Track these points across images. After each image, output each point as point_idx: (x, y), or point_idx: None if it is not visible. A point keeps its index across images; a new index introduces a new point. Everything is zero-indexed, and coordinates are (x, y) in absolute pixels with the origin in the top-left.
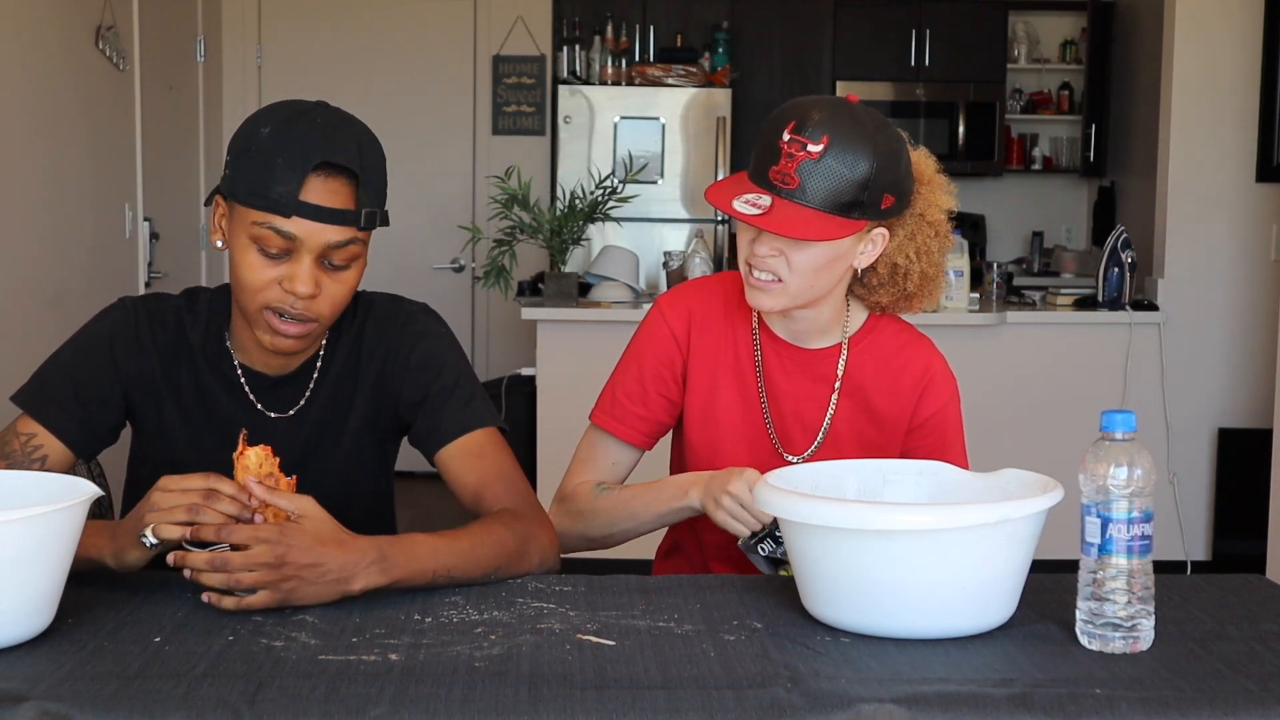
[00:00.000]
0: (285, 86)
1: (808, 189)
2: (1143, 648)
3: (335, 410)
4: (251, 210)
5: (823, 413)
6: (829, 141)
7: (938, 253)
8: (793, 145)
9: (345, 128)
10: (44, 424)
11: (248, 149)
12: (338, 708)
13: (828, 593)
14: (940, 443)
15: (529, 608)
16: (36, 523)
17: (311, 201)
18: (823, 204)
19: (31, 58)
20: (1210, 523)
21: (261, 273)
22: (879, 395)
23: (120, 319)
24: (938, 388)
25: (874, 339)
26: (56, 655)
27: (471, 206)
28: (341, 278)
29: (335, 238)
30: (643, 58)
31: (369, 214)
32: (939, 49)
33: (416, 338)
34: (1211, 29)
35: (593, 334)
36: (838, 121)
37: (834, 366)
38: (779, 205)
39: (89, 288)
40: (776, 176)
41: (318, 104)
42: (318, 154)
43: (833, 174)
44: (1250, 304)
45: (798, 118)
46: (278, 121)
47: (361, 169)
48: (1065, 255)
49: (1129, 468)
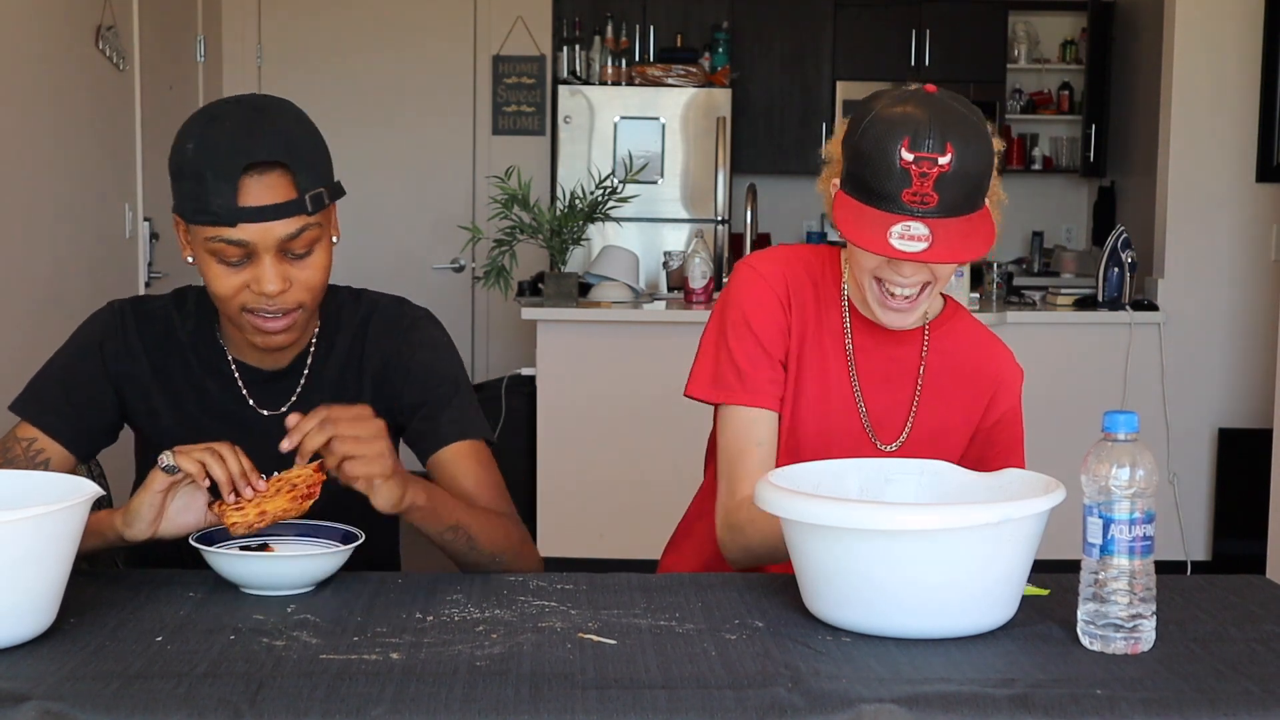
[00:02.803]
0: (285, 86)
1: (948, 202)
2: (1144, 648)
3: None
4: (200, 227)
5: (909, 400)
6: (954, 149)
7: (999, 188)
8: (921, 164)
9: (264, 119)
10: (41, 429)
11: (180, 169)
12: (339, 707)
13: (829, 592)
14: (1013, 438)
15: (530, 606)
16: (38, 522)
17: (251, 204)
18: (965, 208)
19: (31, 58)
20: (1210, 523)
21: (228, 281)
22: (954, 385)
23: (108, 321)
24: (1011, 385)
25: (953, 329)
26: (58, 655)
27: (471, 206)
28: (309, 263)
29: (286, 230)
30: (643, 58)
31: (314, 197)
32: (939, 49)
33: (417, 345)
34: (1211, 29)
35: (593, 334)
36: (950, 124)
37: (918, 351)
38: (935, 229)
39: (89, 288)
40: (913, 200)
41: (235, 101)
42: (242, 156)
43: (968, 179)
44: (1250, 304)
45: (910, 133)
46: (197, 134)
47: (291, 157)
48: (1065, 255)
49: (1131, 468)
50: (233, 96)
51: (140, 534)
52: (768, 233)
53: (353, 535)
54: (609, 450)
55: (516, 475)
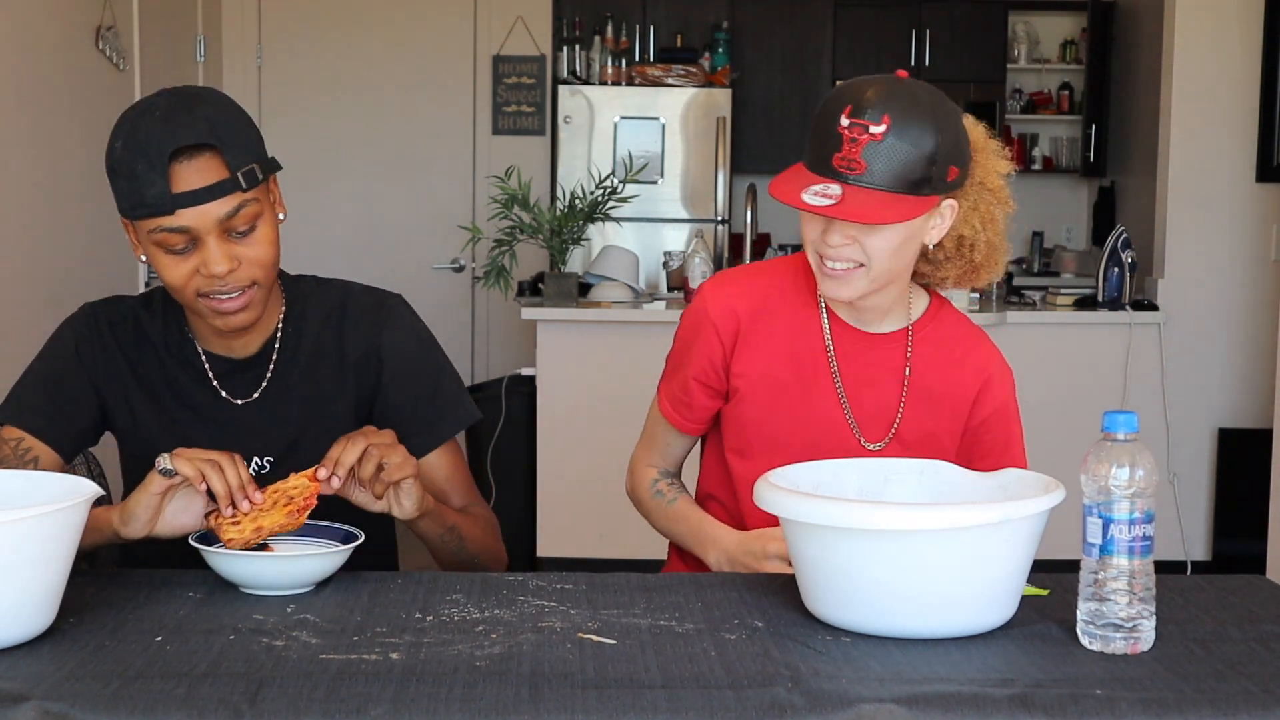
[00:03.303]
0: (285, 86)
1: (875, 172)
2: (1144, 648)
3: (318, 396)
4: (141, 221)
5: (895, 401)
6: (890, 121)
7: (1001, 220)
8: (854, 130)
9: (185, 107)
10: (27, 430)
11: (113, 168)
12: (339, 707)
13: (829, 592)
14: (1005, 437)
15: (530, 606)
16: (37, 523)
17: (185, 190)
18: (892, 185)
19: (31, 58)
20: (1210, 523)
21: (177, 270)
22: (940, 385)
23: (81, 322)
24: (998, 384)
25: (937, 327)
26: (57, 655)
27: (471, 206)
28: (254, 239)
29: (224, 210)
30: (643, 58)
31: (246, 173)
32: (939, 49)
33: (396, 332)
34: (1211, 29)
35: (593, 334)
36: (895, 99)
37: (902, 352)
38: (850, 193)
39: (88, 288)
40: (841, 163)
41: (157, 95)
42: (169, 144)
43: (899, 153)
44: (1250, 304)
45: (853, 100)
46: (125, 131)
47: (218, 138)
48: (1065, 255)
49: (1130, 468)
50: (156, 91)
51: (136, 533)
52: (768, 232)
53: (352, 535)
54: (609, 450)
55: (516, 475)
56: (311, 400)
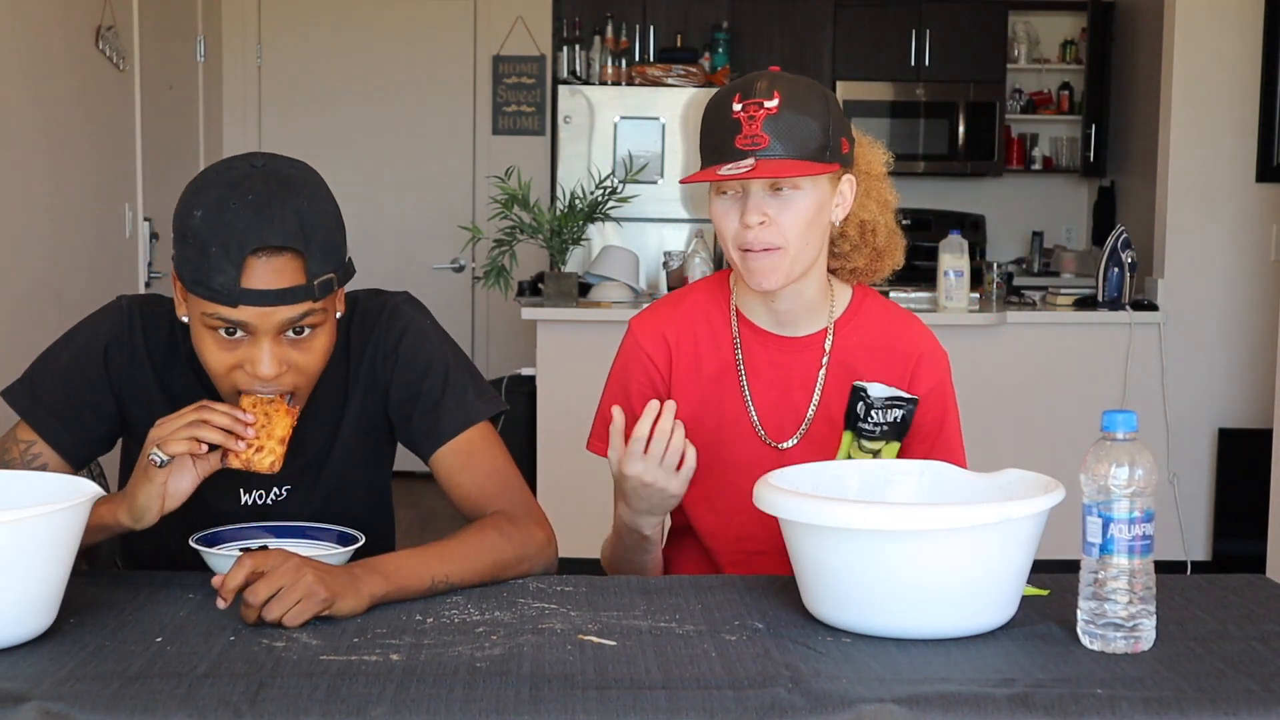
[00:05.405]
0: (285, 86)
1: (778, 142)
2: (1144, 648)
3: (327, 410)
4: (198, 299)
5: (807, 399)
6: (781, 96)
7: (893, 204)
8: (749, 109)
9: (280, 198)
10: (41, 434)
11: (184, 235)
12: (339, 708)
13: (829, 592)
14: (940, 416)
15: (530, 608)
16: (37, 523)
17: (256, 287)
18: (797, 152)
19: (31, 58)
20: (1210, 523)
21: (221, 357)
22: (868, 374)
23: (115, 322)
24: (930, 362)
25: (861, 319)
26: (58, 655)
27: (471, 206)
28: (309, 345)
29: (289, 315)
30: (643, 58)
31: (323, 283)
32: (939, 49)
33: (401, 332)
34: (1211, 29)
35: (593, 334)
36: (779, 80)
37: (819, 351)
38: (761, 163)
39: (89, 288)
40: (745, 142)
41: (252, 169)
42: (254, 239)
43: (796, 123)
44: (1250, 304)
45: (741, 89)
46: (209, 204)
47: (305, 242)
48: (1065, 255)
49: (1130, 468)
50: (251, 157)
51: (149, 523)
52: None
53: (352, 537)
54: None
55: None
56: (328, 424)
